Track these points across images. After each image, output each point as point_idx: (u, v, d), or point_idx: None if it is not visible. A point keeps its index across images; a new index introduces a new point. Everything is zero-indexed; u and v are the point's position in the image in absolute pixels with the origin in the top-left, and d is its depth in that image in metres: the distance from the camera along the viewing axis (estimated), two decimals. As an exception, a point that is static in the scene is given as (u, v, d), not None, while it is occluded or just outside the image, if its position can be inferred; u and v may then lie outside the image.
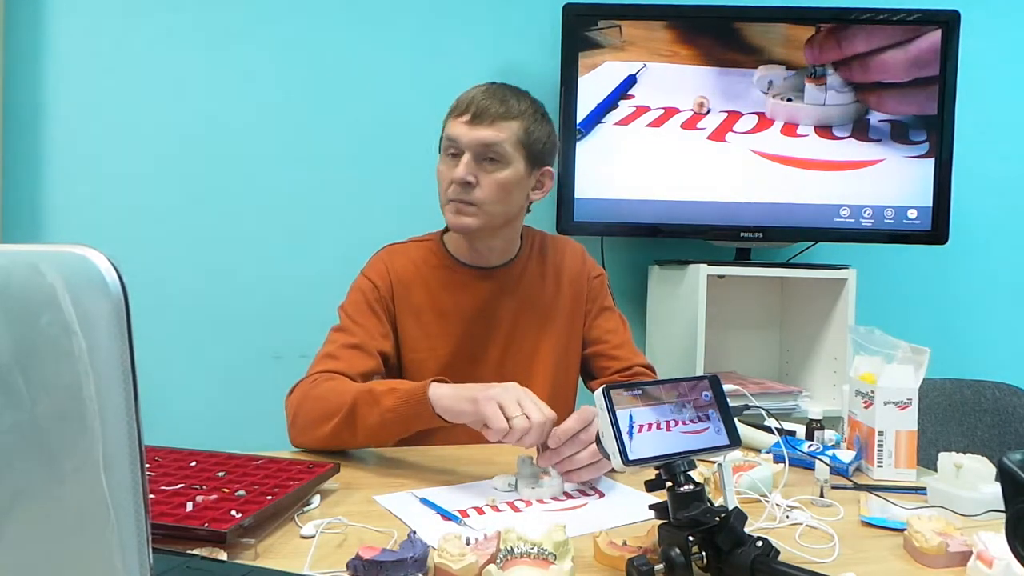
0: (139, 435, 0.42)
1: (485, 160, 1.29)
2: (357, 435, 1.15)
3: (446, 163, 1.31)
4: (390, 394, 1.12)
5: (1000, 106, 2.44)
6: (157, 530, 0.78)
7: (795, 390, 2.10)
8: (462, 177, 1.27)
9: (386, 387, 1.14)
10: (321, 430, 1.17)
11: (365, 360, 1.28)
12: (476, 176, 1.28)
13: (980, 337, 2.48)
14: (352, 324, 1.32)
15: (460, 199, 1.29)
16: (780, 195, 2.09)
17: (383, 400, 1.12)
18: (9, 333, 0.42)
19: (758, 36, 2.08)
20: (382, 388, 1.14)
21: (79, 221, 1.99)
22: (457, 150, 1.29)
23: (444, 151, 1.32)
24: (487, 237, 1.35)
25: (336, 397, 1.17)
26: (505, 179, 1.30)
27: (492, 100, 1.28)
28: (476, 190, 1.29)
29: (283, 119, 2.11)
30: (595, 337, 1.44)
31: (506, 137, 1.29)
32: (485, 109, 1.27)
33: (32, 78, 1.97)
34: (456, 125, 1.29)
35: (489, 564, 0.72)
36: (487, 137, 1.28)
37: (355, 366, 1.26)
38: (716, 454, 0.82)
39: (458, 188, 1.28)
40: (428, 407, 1.08)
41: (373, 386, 1.16)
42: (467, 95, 1.30)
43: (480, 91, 1.30)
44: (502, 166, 1.30)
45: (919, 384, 1.15)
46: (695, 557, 0.72)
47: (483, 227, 1.32)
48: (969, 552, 0.80)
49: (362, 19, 2.15)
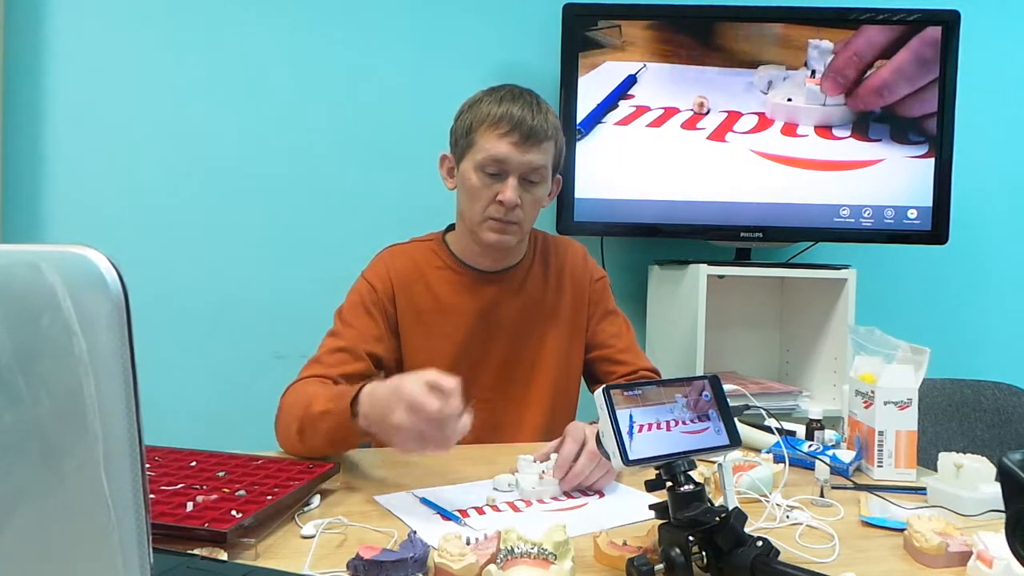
0: (139, 435, 0.42)
1: (527, 181, 1.29)
2: (315, 451, 1.13)
3: (483, 181, 1.28)
4: (324, 417, 1.09)
5: (1000, 106, 2.44)
6: (157, 530, 0.78)
7: (795, 390, 2.10)
8: (513, 201, 1.26)
9: (323, 408, 1.09)
10: (291, 441, 1.16)
11: (351, 363, 1.27)
12: (520, 197, 1.28)
13: (980, 337, 2.48)
14: (343, 328, 1.31)
15: (503, 219, 1.29)
16: (780, 195, 2.09)
17: (319, 424, 1.09)
18: (9, 333, 0.42)
19: (758, 36, 2.08)
20: (319, 409, 1.10)
21: (79, 221, 1.99)
22: (501, 171, 1.27)
23: (481, 168, 1.28)
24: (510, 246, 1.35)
25: (293, 414, 1.15)
26: (541, 196, 1.33)
27: (532, 116, 1.26)
28: (518, 210, 1.29)
29: (283, 118, 2.11)
30: (600, 342, 1.44)
31: (549, 158, 1.30)
32: (532, 130, 1.25)
33: (32, 78, 1.97)
34: (501, 145, 1.26)
35: (489, 564, 0.72)
36: (536, 161, 1.27)
37: (339, 370, 1.25)
38: (716, 454, 0.82)
39: (501, 208, 1.27)
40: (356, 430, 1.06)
41: (314, 406, 1.11)
42: (502, 109, 1.26)
43: (515, 106, 1.26)
44: (541, 185, 1.31)
45: (919, 384, 1.15)
46: (695, 557, 0.72)
47: (518, 243, 1.35)
48: (969, 552, 0.80)
49: (362, 19, 2.15)
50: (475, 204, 1.30)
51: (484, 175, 1.28)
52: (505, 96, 1.29)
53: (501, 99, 1.28)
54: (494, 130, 1.26)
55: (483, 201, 1.29)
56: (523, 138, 1.25)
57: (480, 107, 1.29)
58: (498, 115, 1.26)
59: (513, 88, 1.31)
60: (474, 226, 1.32)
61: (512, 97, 1.29)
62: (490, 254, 1.36)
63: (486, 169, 1.28)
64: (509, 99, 1.28)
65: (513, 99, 1.28)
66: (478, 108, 1.30)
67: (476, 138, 1.28)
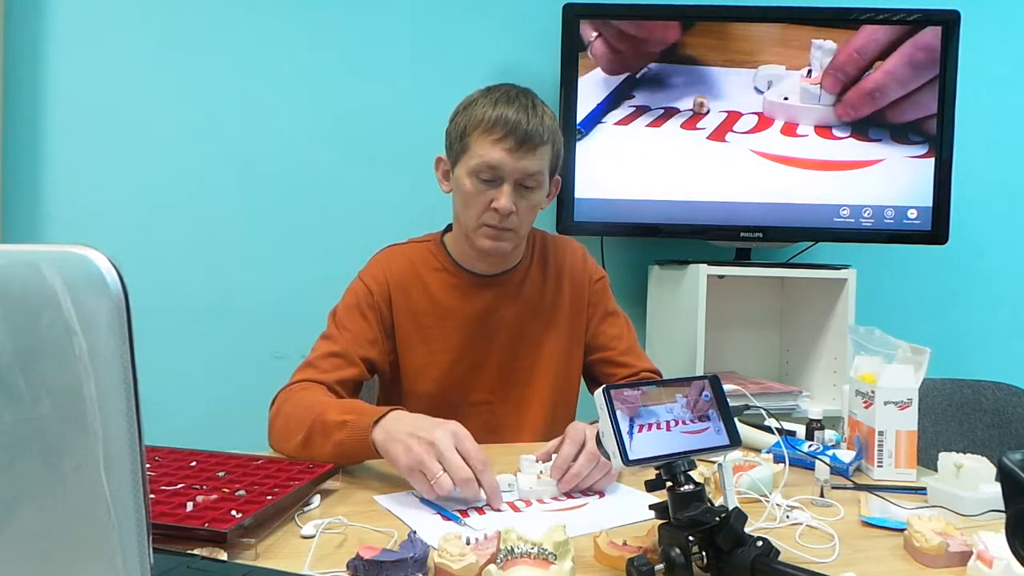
0: (139, 435, 0.42)
1: (522, 186, 1.26)
2: (318, 458, 1.11)
3: (478, 187, 1.26)
4: (340, 428, 1.07)
5: (1000, 106, 2.44)
6: (157, 530, 0.78)
7: (795, 390, 2.10)
8: (508, 208, 1.24)
9: (339, 418, 1.08)
10: (289, 446, 1.14)
11: (345, 369, 1.26)
12: (516, 204, 1.26)
13: (980, 337, 2.48)
14: (337, 331, 1.30)
15: (498, 226, 1.27)
16: (780, 195, 2.09)
17: (334, 433, 1.08)
18: (9, 333, 0.42)
19: (758, 36, 2.08)
20: (336, 419, 1.08)
21: (79, 221, 1.99)
22: (495, 177, 1.25)
23: (475, 174, 1.25)
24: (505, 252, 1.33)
25: (298, 418, 1.13)
26: (538, 201, 1.30)
27: (527, 120, 1.22)
28: (513, 217, 1.26)
29: (283, 118, 2.11)
30: (601, 344, 1.43)
31: (545, 163, 1.27)
32: (528, 135, 1.22)
33: (32, 78, 1.97)
34: (495, 151, 1.23)
35: (489, 564, 0.72)
36: (532, 167, 1.25)
37: (333, 375, 1.24)
38: (716, 454, 0.82)
39: (496, 215, 1.25)
40: (371, 448, 1.04)
41: (328, 415, 1.10)
42: (497, 113, 1.23)
43: (510, 109, 1.23)
44: (537, 190, 1.28)
45: (919, 384, 1.15)
46: (695, 557, 0.72)
47: (515, 248, 1.33)
48: (969, 552, 0.80)
49: (362, 19, 2.15)
50: (470, 210, 1.28)
51: (479, 181, 1.25)
52: (500, 98, 1.25)
53: (496, 101, 1.25)
54: (488, 135, 1.23)
55: (478, 208, 1.27)
56: (518, 144, 1.22)
57: (475, 110, 1.26)
58: (493, 119, 1.23)
59: (509, 89, 1.28)
60: (469, 232, 1.30)
61: (508, 100, 1.25)
62: (486, 259, 1.34)
63: (480, 175, 1.25)
64: (504, 101, 1.24)
65: (508, 102, 1.24)
66: (473, 110, 1.26)
67: (470, 143, 1.25)
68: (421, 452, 0.96)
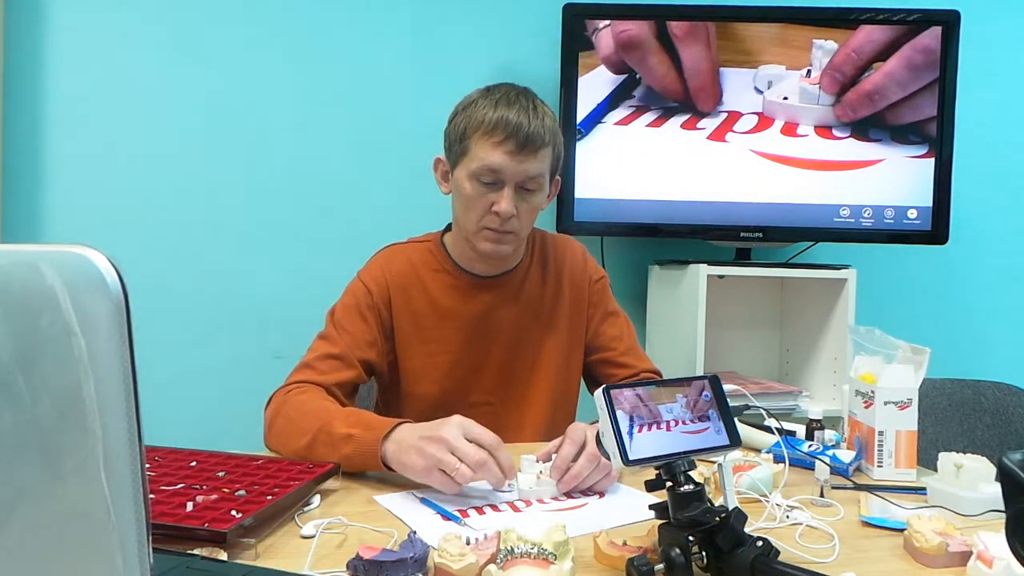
0: (139, 435, 0.42)
1: (523, 189, 1.25)
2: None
3: (478, 190, 1.24)
4: (347, 441, 1.06)
5: (1000, 106, 2.44)
6: (157, 530, 0.78)
7: (795, 390, 2.10)
8: (509, 212, 1.23)
9: (345, 431, 1.07)
10: (289, 448, 1.14)
11: (343, 371, 1.26)
12: (517, 207, 1.25)
13: (980, 337, 2.48)
14: (336, 332, 1.29)
15: (499, 229, 1.26)
16: (780, 195, 2.09)
17: (341, 447, 1.07)
18: (9, 333, 0.42)
19: (758, 36, 2.08)
20: (342, 431, 1.07)
21: (79, 221, 1.99)
22: (496, 180, 1.23)
23: (476, 177, 1.24)
24: (506, 255, 1.32)
25: (300, 424, 1.13)
26: (539, 203, 1.29)
27: (528, 122, 1.20)
28: (514, 220, 1.25)
29: (283, 118, 2.11)
30: (601, 344, 1.42)
31: (546, 164, 1.26)
32: (529, 138, 1.20)
33: (32, 78, 1.97)
34: (496, 154, 1.21)
35: (489, 564, 0.72)
36: (533, 170, 1.23)
37: (331, 377, 1.24)
38: (716, 454, 0.82)
39: (496, 218, 1.24)
40: (378, 462, 1.04)
41: (334, 426, 1.09)
42: (498, 115, 1.21)
43: (511, 111, 1.21)
44: (538, 193, 1.27)
45: (919, 384, 1.15)
46: (695, 557, 0.72)
47: (515, 250, 1.32)
48: (969, 552, 0.80)
49: (361, 19, 2.15)
50: (470, 213, 1.27)
51: (479, 184, 1.24)
52: (500, 99, 1.23)
53: (496, 103, 1.23)
54: (489, 138, 1.22)
55: (478, 211, 1.26)
56: (519, 147, 1.21)
57: (475, 111, 1.24)
58: (493, 121, 1.21)
59: (509, 90, 1.26)
60: (470, 235, 1.29)
61: (508, 101, 1.23)
62: (486, 261, 1.33)
63: (481, 178, 1.24)
64: (505, 103, 1.22)
65: (509, 103, 1.22)
66: (473, 112, 1.24)
67: (470, 145, 1.24)
68: (434, 451, 0.97)
